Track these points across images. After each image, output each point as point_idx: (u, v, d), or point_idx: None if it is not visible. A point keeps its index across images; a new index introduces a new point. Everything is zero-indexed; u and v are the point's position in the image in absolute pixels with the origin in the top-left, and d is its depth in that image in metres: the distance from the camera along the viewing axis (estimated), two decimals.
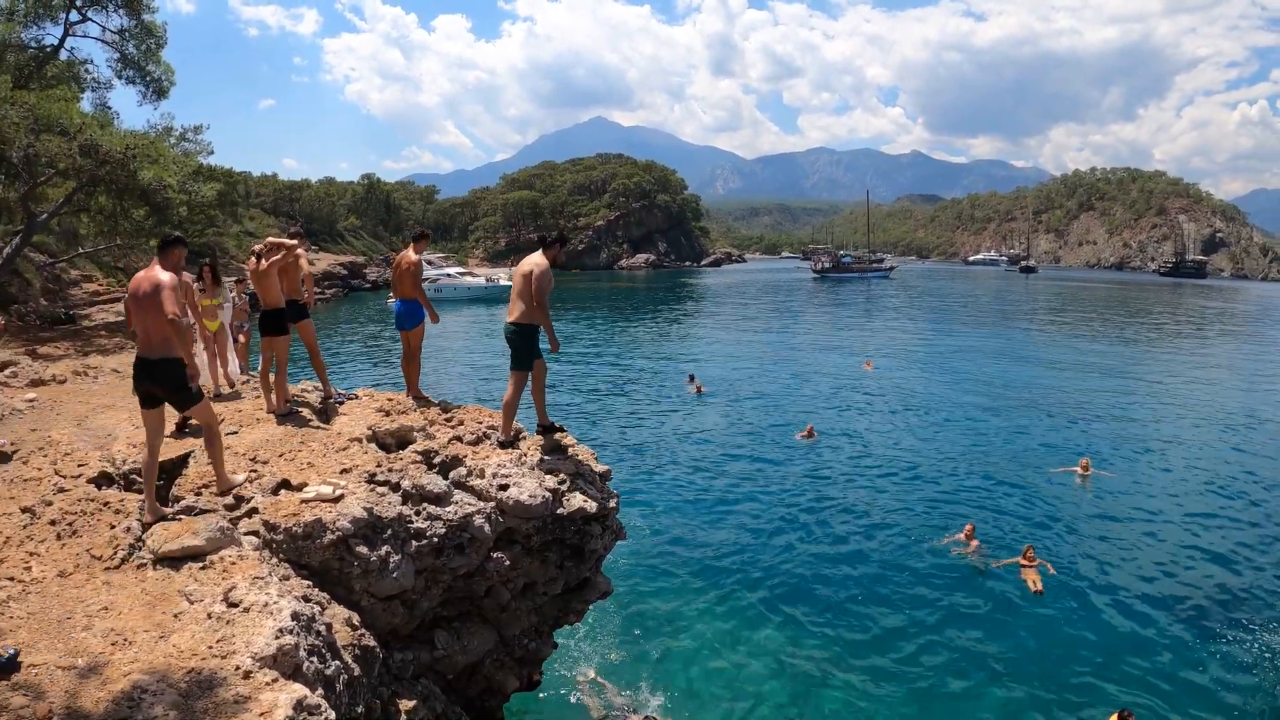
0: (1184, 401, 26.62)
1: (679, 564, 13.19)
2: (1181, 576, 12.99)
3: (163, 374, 5.94)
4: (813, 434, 20.37)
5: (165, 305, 5.70)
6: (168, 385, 6.00)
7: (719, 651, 10.73)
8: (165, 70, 19.82)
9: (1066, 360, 35.55)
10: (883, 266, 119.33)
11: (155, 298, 5.74)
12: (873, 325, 50.70)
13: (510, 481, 7.18)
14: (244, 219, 60.33)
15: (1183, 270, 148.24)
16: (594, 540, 7.66)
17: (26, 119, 14.78)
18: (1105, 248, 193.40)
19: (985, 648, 10.89)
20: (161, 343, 5.85)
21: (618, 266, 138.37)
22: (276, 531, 5.94)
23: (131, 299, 5.98)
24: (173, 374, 5.92)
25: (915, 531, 14.64)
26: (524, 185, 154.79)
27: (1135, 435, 21.79)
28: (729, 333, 46.04)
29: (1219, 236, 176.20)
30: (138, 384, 6.06)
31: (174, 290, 5.78)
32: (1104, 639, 11.05)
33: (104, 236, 21.22)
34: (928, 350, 38.63)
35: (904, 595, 12.29)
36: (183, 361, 5.90)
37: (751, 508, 15.66)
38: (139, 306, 5.86)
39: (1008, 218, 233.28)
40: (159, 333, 5.82)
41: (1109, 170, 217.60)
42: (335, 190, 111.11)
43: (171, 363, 5.89)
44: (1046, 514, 15.53)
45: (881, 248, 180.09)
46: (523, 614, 7.44)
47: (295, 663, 4.55)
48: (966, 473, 18.10)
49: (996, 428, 22.25)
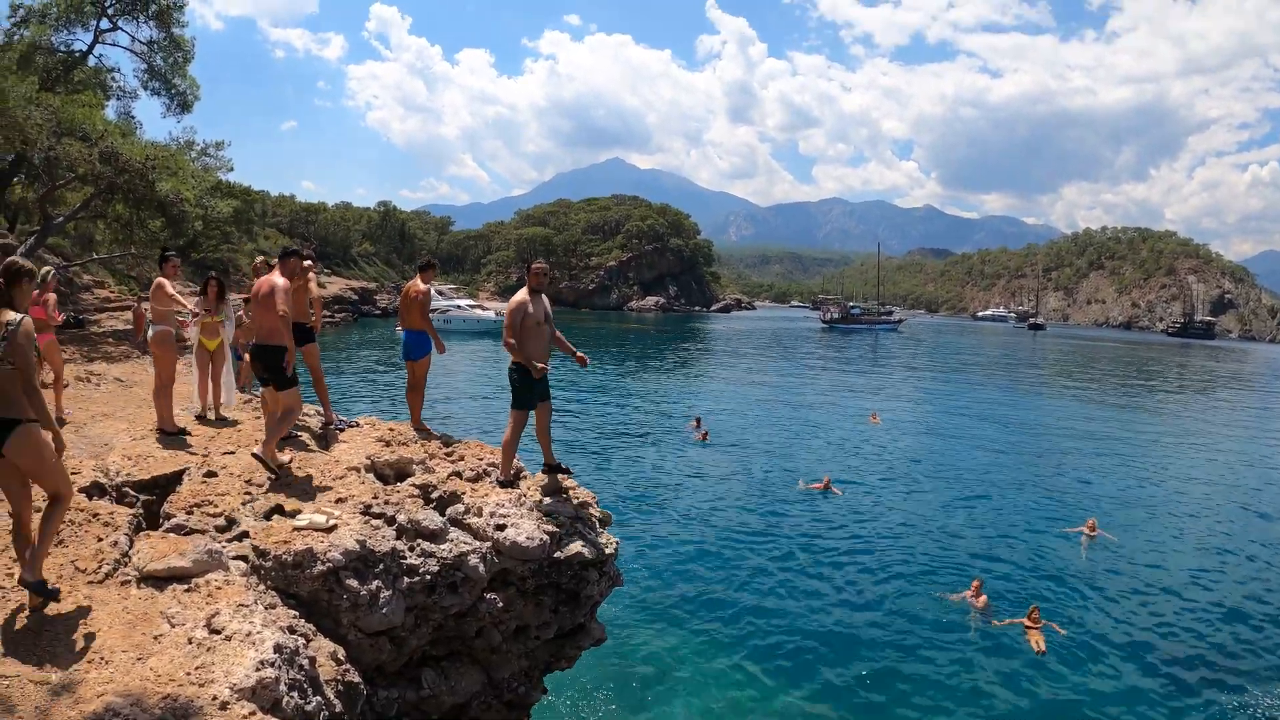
0: (1192, 463, 26.36)
1: (675, 611, 12.92)
2: (1185, 641, 12.71)
3: (268, 357, 7.29)
4: (829, 485, 19.94)
5: (277, 304, 7.13)
6: (269, 366, 7.31)
7: (713, 703, 10.45)
8: (191, 84, 20.04)
9: (1074, 419, 35.25)
10: (891, 319, 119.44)
11: (271, 298, 7.15)
12: (879, 378, 50.55)
13: (508, 522, 7.03)
14: (259, 238, 60.76)
15: (1191, 331, 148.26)
16: (590, 586, 7.47)
17: (50, 121, 14.87)
18: (1114, 307, 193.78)
19: (984, 705, 10.64)
20: (270, 332, 7.26)
21: (627, 308, 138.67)
22: (266, 558, 5.79)
23: (253, 298, 7.50)
24: (275, 358, 7.25)
25: (920, 585, 14.41)
26: (538, 221, 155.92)
27: (1143, 497, 21.50)
28: (735, 379, 45.93)
29: (1228, 297, 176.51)
30: (254, 365, 7.60)
31: (286, 293, 7.22)
32: (1105, 703, 10.77)
33: (119, 244, 21.32)
34: (934, 405, 38.41)
35: (906, 650, 12.03)
36: (285, 349, 7.22)
37: (752, 557, 15.39)
38: (258, 304, 7.31)
39: (1017, 274, 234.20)
40: (270, 325, 7.24)
41: (1119, 229, 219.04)
42: (351, 215, 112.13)
43: (275, 349, 7.24)
44: (1052, 574, 15.26)
45: (891, 300, 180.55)
46: (513, 657, 7.23)
47: (275, 696, 4.38)
48: (972, 529, 17.83)
49: (1002, 485, 21.96)
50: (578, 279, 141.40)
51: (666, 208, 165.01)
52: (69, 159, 15.35)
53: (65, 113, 15.30)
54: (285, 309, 7.15)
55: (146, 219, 18.52)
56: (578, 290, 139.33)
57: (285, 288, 7.24)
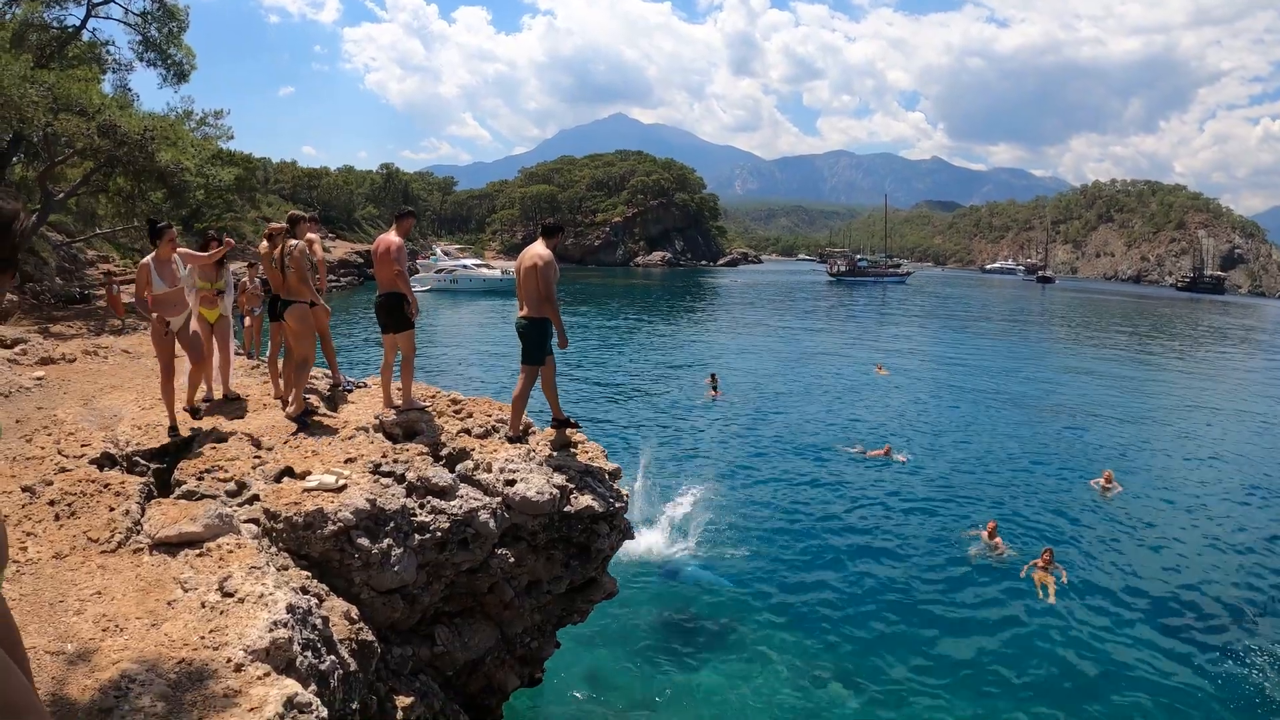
0: (1207, 420, 26.22)
1: (686, 565, 13.02)
2: (1197, 593, 12.75)
3: (390, 303, 8.09)
4: (890, 453, 18.87)
5: (394, 260, 8.01)
6: (391, 311, 8.12)
7: (725, 653, 10.57)
8: (186, 54, 19.75)
9: (1086, 372, 35.16)
10: (899, 272, 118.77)
11: (389, 255, 7.99)
12: (886, 330, 50.36)
13: (518, 477, 7.05)
14: (262, 204, 60.49)
15: (1200, 285, 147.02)
16: (601, 539, 7.51)
17: (46, 98, 14.71)
18: (1123, 260, 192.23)
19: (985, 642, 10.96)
20: (388, 282, 8.05)
21: (634, 264, 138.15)
22: (277, 520, 5.82)
23: (374, 254, 8.22)
24: (394, 303, 8.08)
25: (931, 530, 14.61)
26: (542, 179, 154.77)
27: (1158, 451, 21.49)
28: (742, 333, 45.83)
29: (1237, 252, 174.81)
30: (378, 315, 8.26)
31: (402, 249, 8.06)
32: (1109, 652, 10.87)
33: (121, 218, 21.20)
34: (942, 357, 38.27)
35: (918, 592, 12.26)
36: (404, 296, 8.03)
37: (762, 509, 15.48)
38: (378, 260, 8.12)
39: (1026, 227, 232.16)
40: (388, 276, 8.03)
41: (1129, 182, 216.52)
42: (354, 179, 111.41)
43: (395, 295, 8.07)
44: (1068, 523, 15.33)
45: (898, 253, 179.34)
46: (526, 612, 7.30)
47: (289, 657, 4.42)
48: (984, 479, 17.88)
49: (1014, 436, 21.96)
50: (583, 235, 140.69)
51: (671, 162, 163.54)
52: (67, 134, 15.21)
53: (61, 88, 15.11)
54: (401, 266, 8.02)
55: (148, 191, 18.38)
56: (584, 247, 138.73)
57: (400, 245, 8.06)
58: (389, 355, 8.39)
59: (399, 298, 8.04)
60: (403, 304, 8.05)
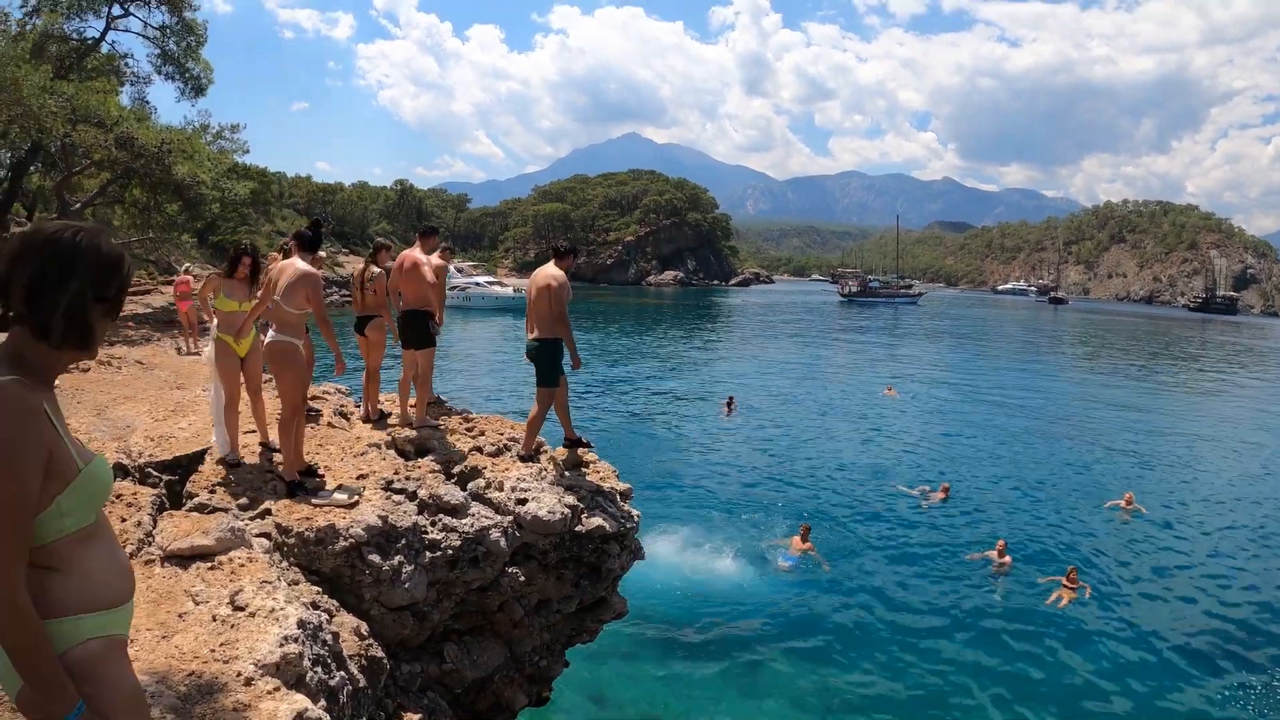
0: (1228, 443, 25.97)
1: (697, 584, 12.93)
2: (1219, 617, 12.63)
3: (415, 320, 8.11)
4: (947, 493, 17.52)
5: (425, 275, 7.99)
6: (416, 328, 8.12)
7: (735, 674, 10.48)
8: (204, 68, 19.99)
9: (1103, 395, 34.89)
10: (910, 293, 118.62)
11: (416, 270, 8.00)
12: (898, 352, 50.21)
13: (529, 496, 7.02)
14: (276, 218, 60.91)
15: (1213, 306, 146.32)
16: (612, 559, 7.47)
17: (65, 109, 14.90)
18: (1135, 281, 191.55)
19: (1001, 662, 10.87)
20: (415, 299, 8.08)
21: (645, 283, 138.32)
22: (289, 535, 5.81)
23: (397, 270, 8.18)
24: (420, 321, 8.11)
25: (946, 550, 14.56)
26: (555, 197, 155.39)
27: (1180, 473, 21.34)
28: (754, 353, 45.76)
29: (1250, 273, 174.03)
30: (401, 332, 8.24)
31: (430, 266, 8.05)
32: (1124, 672, 10.80)
33: (137, 229, 21.42)
34: (954, 378, 38.06)
35: (931, 614, 12.19)
36: (430, 314, 8.10)
37: (773, 529, 15.36)
38: (403, 276, 8.10)
39: (1038, 248, 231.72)
40: (416, 293, 8.06)
41: (1141, 203, 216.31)
42: (368, 195, 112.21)
43: (421, 313, 8.10)
44: (1088, 545, 15.25)
45: (910, 274, 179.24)
46: (535, 631, 7.25)
47: (299, 672, 4.39)
48: (1001, 500, 17.83)
49: (1031, 457, 21.83)
50: (596, 254, 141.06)
51: (684, 182, 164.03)
52: (85, 145, 15.40)
53: (80, 100, 15.32)
54: (433, 279, 8.06)
55: (164, 203, 18.58)
56: (596, 265, 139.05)
57: (429, 263, 8.09)
58: (407, 371, 8.37)
59: (424, 315, 8.08)
60: (428, 321, 8.10)
